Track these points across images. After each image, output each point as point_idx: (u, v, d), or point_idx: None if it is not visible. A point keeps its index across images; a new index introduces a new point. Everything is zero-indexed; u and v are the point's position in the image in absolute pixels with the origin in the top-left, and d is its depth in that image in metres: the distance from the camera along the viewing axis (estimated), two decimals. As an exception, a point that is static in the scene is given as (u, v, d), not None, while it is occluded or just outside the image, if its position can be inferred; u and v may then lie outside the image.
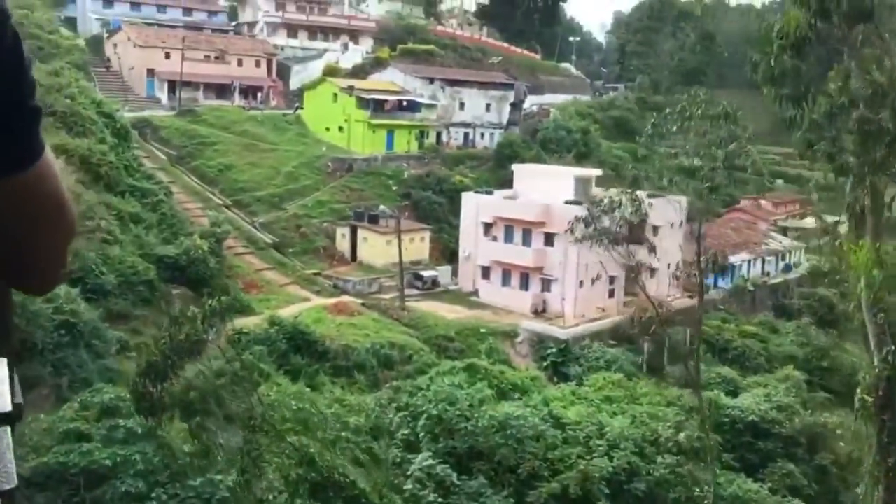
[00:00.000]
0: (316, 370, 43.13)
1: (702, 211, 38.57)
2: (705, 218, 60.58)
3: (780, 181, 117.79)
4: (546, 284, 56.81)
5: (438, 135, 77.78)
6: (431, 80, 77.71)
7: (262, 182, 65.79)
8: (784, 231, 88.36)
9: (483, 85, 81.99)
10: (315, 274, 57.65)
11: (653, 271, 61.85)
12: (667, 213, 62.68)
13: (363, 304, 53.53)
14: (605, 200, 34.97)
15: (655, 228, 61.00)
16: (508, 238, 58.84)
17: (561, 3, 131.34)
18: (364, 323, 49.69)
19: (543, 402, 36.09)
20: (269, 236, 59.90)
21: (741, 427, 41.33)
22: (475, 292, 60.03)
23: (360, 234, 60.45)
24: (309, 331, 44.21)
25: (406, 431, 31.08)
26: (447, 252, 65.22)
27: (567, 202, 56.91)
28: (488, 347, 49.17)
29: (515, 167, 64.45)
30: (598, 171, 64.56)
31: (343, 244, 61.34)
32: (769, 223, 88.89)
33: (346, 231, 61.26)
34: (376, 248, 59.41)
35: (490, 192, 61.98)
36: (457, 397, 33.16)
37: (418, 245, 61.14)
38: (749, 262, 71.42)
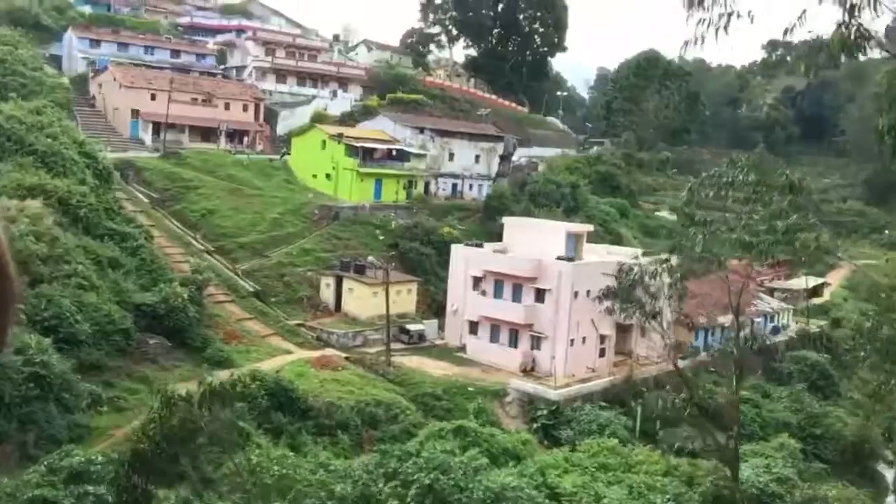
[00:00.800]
0: (298, 429, 41.15)
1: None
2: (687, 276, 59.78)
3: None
4: (536, 342, 55.26)
5: (427, 185, 76.74)
6: (421, 130, 76.95)
7: (246, 228, 64.21)
8: (771, 292, 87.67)
9: (472, 136, 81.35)
10: (298, 325, 55.81)
11: (643, 330, 60.70)
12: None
13: (347, 358, 51.70)
14: (635, 269, 33.09)
15: (647, 288, 59.93)
16: (498, 293, 57.43)
17: (549, 59, 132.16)
18: (348, 378, 47.81)
19: (539, 472, 34.30)
20: (252, 284, 58.11)
21: (742, 501, 39.63)
22: (462, 348, 58.35)
23: (346, 284, 58.80)
24: (291, 387, 42.26)
25: (396, 502, 29.13)
26: (434, 305, 63.61)
27: (559, 258, 55.76)
28: (476, 407, 47.36)
29: (506, 220, 63.35)
30: (589, 227, 63.59)
31: (327, 294, 59.63)
32: (757, 284, 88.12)
33: (331, 281, 59.61)
34: (362, 300, 57.73)
35: (480, 245, 60.72)
36: (450, 465, 31.30)
37: (405, 297, 59.54)
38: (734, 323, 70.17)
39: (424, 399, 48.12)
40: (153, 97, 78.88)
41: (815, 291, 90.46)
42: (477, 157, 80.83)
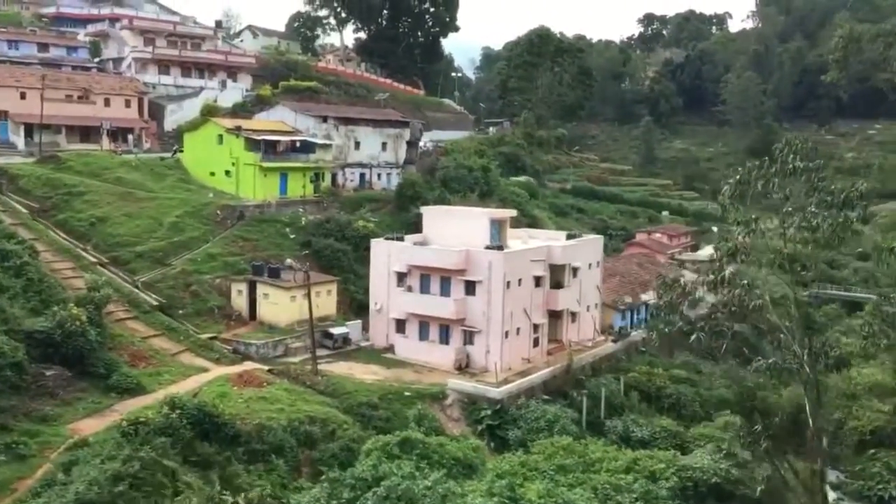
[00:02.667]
0: (228, 458, 37.06)
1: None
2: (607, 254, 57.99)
3: (665, 213, 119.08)
4: (468, 336, 52.55)
5: (334, 176, 72.63)
6: (324, 119, 72.56)
7: (142, 235, 58.65)
8: (681, 264, 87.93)
9: (378, 123, 77.57)
10: (211, 338, 51.11)
11: (574, 315, 59.11)
12: (586, 252, 60.21)
13: (270, 371, 47.57)
14: (681, 282, 29.91)
15: (575, 270, 58.29)
16: (425, 288, 54.34)
17: (441, 39, 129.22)
18: (276, 395, 43.73)
19: (509, 487, 31.49)
20: (155, 297, 52.91)
21: (704, 491, 38.18)
22: (390, 348, 55.11)
23: (260, 289, 54.40)
24: (216, 411, 37.93)
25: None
26: (355, 304, 60.05)
27: (488, 247, 53.12)
28: (417, 413, 44.21)
29: (424, 210, 60.20)
30: (512, 212, 61.22)
31: (240, 302, 55.07)
32: (667, 256, 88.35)
33: (244, 287, 55.08)
34: (279, 306, 53.53)
35: (401, 238, 57.40)
36: (414, 493, 28.16)
37: (325, 299, 55.67)
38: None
39: (360, 409, 44.58)
40: (23, 96, 71.58)
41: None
42: (384, 144, 77.14)
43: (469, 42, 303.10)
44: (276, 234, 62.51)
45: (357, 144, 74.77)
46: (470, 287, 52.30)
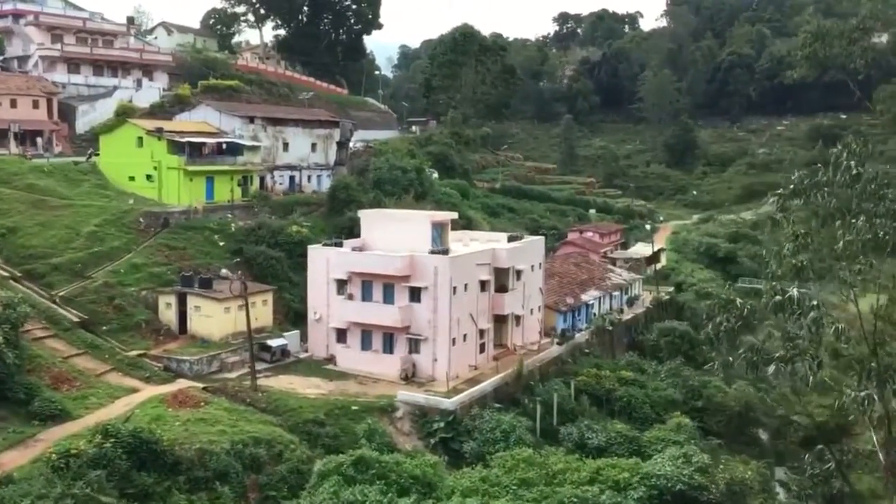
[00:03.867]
0: (168, 488, 34.39)
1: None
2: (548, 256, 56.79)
3: (592, 211, 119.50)
4: (414, 345, 50.60)
5: (262, 180, 69.55)
6: (251, 120, 69.34)
7: (59, 246, 54.64)
8: (613, 262, 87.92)
9: (307, 123, 74.71)
10: (140, 355, 47.74)
11: (518, 319, 57.90)
12: (529, 254, 59.06)
13: (207, 389, 44.68)
14: (738, 303, 26.55)
15: (518, 273, 57.05)
16: (367, 295, 52.13)
17: (364, 36, 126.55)
18: (215, 415, 40.96)
19: (480, 510, 29.82)
20: (76, 313, 49.17)
21: (669, 499, 37.23)
22: (331, 359, 52.72)
23: (191, 301, 51.22)
24: (153, 438, 35.03)
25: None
26: (291, 314, 57.40)
27: (433, 251, 51.30)
28: (367, 429, 42.07)
29: (362, 213, 57.92)
30: (453, 215, 59.46)
31: (169, 315, 51.77)
32: (600, 255, 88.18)
33: (172, 299, 51.78)
34: (212, 318, 50.51)
35: (340, 244, 55.01)
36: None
37: (261, 309, 52.87)
38: (599, 298, 69.16)
39: (306, 427, 42.19)
40: (-82, 97, 66.25)
41: (655, 257, 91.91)
42: (313, 145, 74.37)
43: (385, 40, 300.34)
44: (204, 242, 59.22)
45: (286, 146, 71.87)
46: (415, 293, 50.37)
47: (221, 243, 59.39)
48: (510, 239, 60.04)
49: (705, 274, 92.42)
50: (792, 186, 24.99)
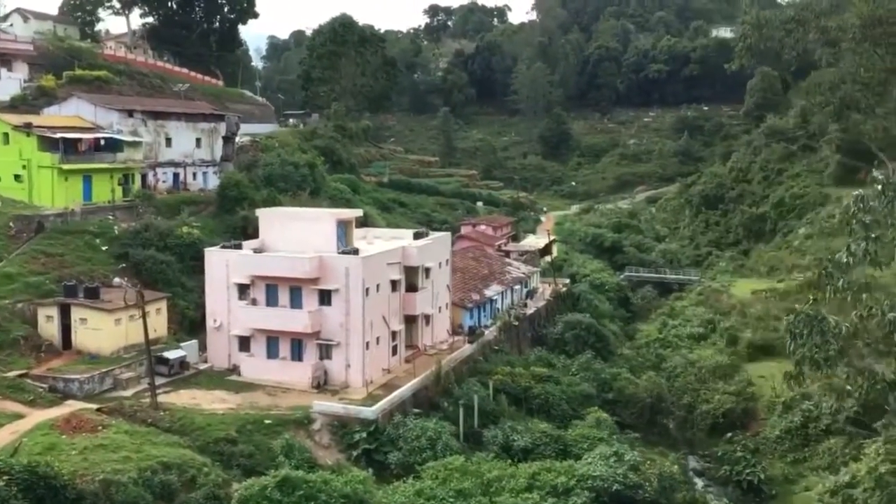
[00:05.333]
0: (71, 527, 30.58)
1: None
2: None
3: (479, 203, 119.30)
4: (325, 350, 48.02)
5: (144, 177, 64.65)
6: (130, 113, 64.18)
7: (-84, 256, 48.65)
8: (507, 255, 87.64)
9: (190, 117, 70.08)
10: (20, 375, 42.90)
11: (428, 318, 56.27)
12: (437, 251, 57.48)
13: (101, 411, 40.60)
14: (824, 317, 24.23)
15: (427, 270, 55.33)
16: (272, 300, 49.06)
17: (239, 26, 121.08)
18: (116, 440, 37.11)
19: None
20: (-59, 331, 43.77)
21: (606, 500, 36.57)
22: (234, 369, 49.40)
23: (76, 314, 46.59)
24: (50, 472, 31.15)
25: None
26: (186, 322, 53.49)
27: (344, 252, 48.79)
28: (284, 445, 39.43)
29: (260, 213, 54.52)
30: (358, 212, 57.05)
31: (50, 330, 46.93)
32: (494, 248, 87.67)
33: (54, 312, 46.96)
34: (101, 331, 46.15)
35: (239, 246, 51.56)
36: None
37: (154, 319, 48.61)
38: (502, 293, 68.40)
39: (218, 447, 38.97)
40: None
41: (547, 249, 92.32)
42: (198, 140, 69.85)
43: (253, 31, 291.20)
44: (85, 247, 54.25)
45: (168, 141, 67.14)
46: (325, 296, 47.73)
47: (104, 248, 54.62)
48: (416, 236, 58.20)
49: (596, 264, 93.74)
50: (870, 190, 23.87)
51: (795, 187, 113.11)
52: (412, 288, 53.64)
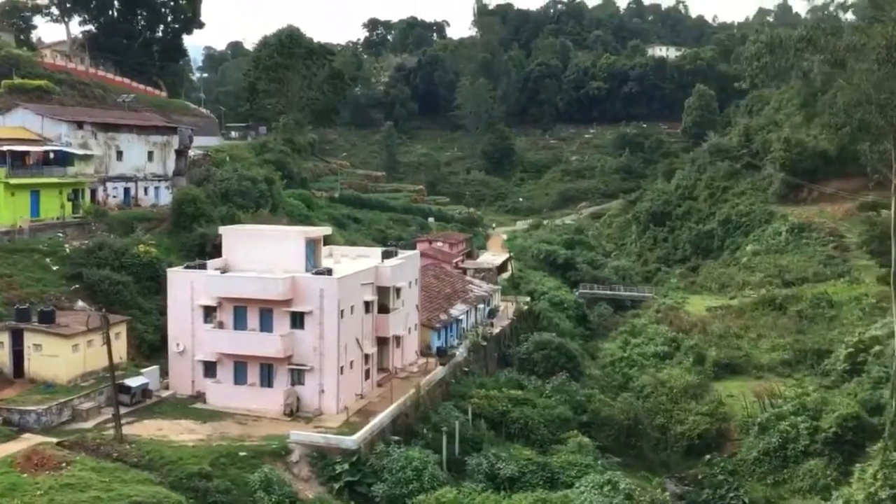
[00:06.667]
0: (43, 579, 27.94)
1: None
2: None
3: (431, 219, 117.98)
4: (298, 376, 45.83)
5: (93, 193, 61.34)
6: (80, 125, 60.83)
7: None
8: (464, 272, 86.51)
9: (142, 129, 66.98)
10: (-31, 408, 39.70)
11: (398, 340, 54.57)
12: (408, 270, 55.88)
13: (62, 445, 37.65)
14: None
15: (398, 290, 53.64)
16: (240, 323, 46.67)
17: (183, 35, 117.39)
18: (82, 478, 34.34)
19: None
20: None
21: (606, 530, 35.46)
22: (199, 397, 46.80)
23: (29, 339, 43.38)
24: (17, 519, 28.53)
25: None
26: (145, 346, 50.62)
27: (318, 272, 46.76)
28: (263, 479, 37.10)
29: (224, 231, 51.98)
30: (327, 230, 55.02)
31: (1, 356, 43.66)
32: (451, 265, 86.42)
33: (5, 338, 43.67)
34: (58, 358, 43.06)
35: (203, 266, 49.02)
36: None
37: (113, 344, 45.71)
38: (467, 312, 67.10)
39: (192, 483, 36.39)
40: None
41: (503, 266, 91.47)
42: (150, 153, 66.76)
43: (188, 41, 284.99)
44: (34, 267, 50.90)
45: (119, 154, 63.96)
46: (297, 319, 45.59)
47: (55, 267, 51.38)
48: (385, 254, 56.42)
49: (553, 282, 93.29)
50: None
51: (741, 205, 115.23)
52: (384, 309, 51.86)
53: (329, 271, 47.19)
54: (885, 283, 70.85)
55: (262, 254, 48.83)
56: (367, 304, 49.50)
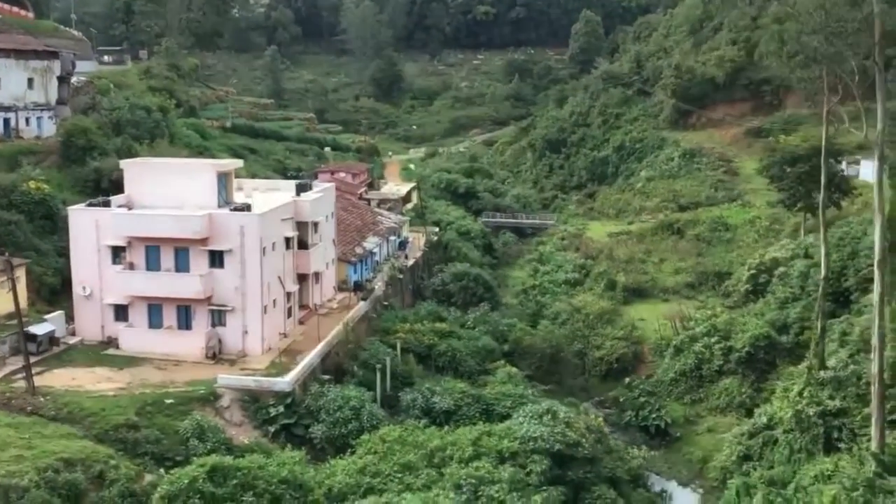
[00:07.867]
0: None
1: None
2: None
3: (327, 148, 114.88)
4: (218, 317, 43.70)
5: (-32, 125, 55.88)
6: (-51, 49, 54.92)
7: None
8: (369, 203, 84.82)
9: (20, 54, 61.07)
10: None
11: (318, 276, 52.94)
12: (324, 204, 53.95)
13: (-35, 401, 34.71)
14: None
15: (315, 225, 51.76)
16: (153, 263, 43.87)
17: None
18: (1, 436, 31.78)
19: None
20: None
21: (549, 462, 35.60)
22: (111, 342, 44.09)
23: (-84, 288, 39.47)
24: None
25: None
26: (44, 290, 47.04)
27: (236, 209, 44.27)
28: (195, 426, 35.43)
29: (126, 164, 48.28)
30: (238, 163, 52.04)
31: None
32: (356, 197, 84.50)
33: None
34: (-49, 307, 39.42)
35: (108, 203, 45.58)
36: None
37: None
38: (380, 245, 65.83)
39: (119, 434, 34.39)
40: None
41: (407, 197, 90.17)
42: (30, 81, 61.05)
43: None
44: (-89, 208, 46.15)
45: (-4, 82, 58.31)
46: (216, 258, 43.23)
47: (-65, 208, 46.73)
48: (299, 187, 54.10)
49: (458, 211, 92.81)
50: None
51: (634, 131, 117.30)
52: (303, 245, 49.95)
53: (248, 207, 44.77)
54: (775, 207, 74.02)
55: (169, 189, 45.79)
56: (288, 241, 47.49)
